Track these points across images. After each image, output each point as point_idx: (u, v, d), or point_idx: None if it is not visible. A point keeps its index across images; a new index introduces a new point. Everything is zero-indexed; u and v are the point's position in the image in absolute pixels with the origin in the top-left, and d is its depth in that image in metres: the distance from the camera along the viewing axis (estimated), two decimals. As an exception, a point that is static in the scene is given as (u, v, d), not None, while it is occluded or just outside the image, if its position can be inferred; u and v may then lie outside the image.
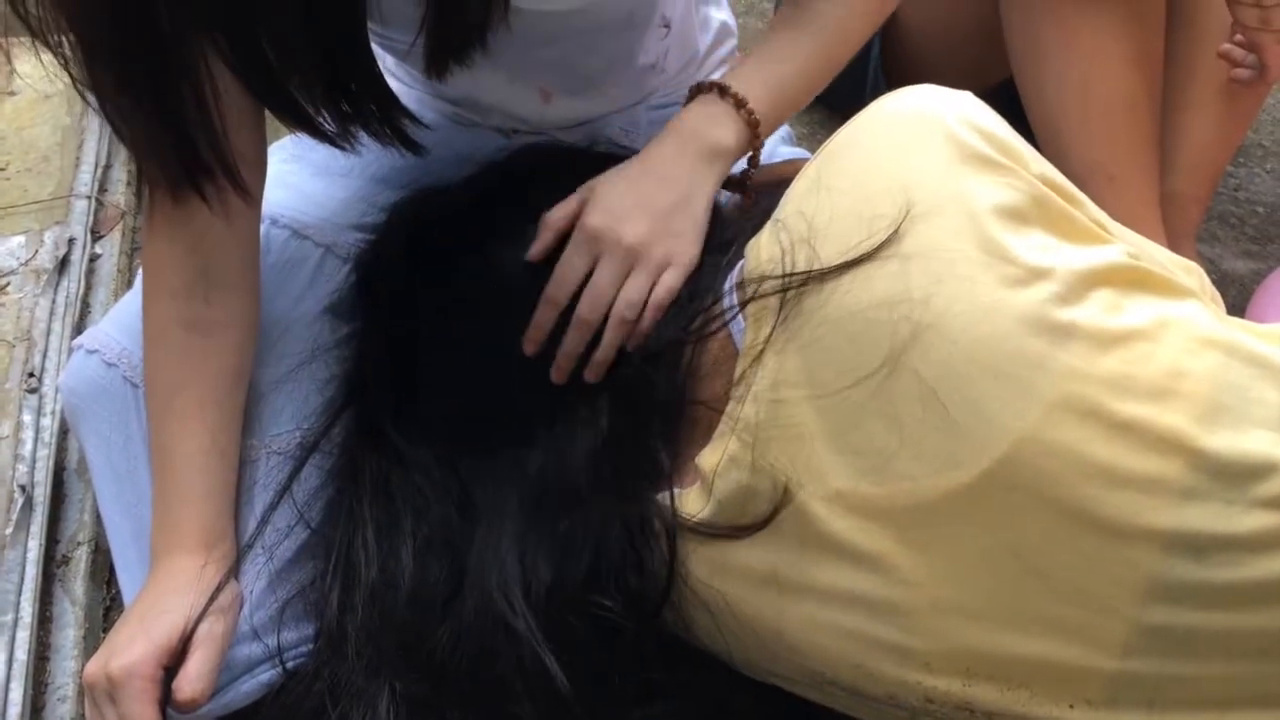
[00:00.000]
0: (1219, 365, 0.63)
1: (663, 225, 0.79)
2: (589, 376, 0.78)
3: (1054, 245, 0.66)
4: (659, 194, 0.81)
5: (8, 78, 1.42)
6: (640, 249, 0.78)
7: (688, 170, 0.83)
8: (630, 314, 0.77)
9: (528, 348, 0.79)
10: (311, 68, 0.78)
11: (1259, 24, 1.03)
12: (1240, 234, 1.45)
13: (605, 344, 0.78)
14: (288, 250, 0.96)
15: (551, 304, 0.79)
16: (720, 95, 0.86)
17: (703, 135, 0.84)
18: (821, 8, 0.91)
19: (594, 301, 0.78)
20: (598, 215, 0.79)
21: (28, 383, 1.04)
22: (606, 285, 0.78)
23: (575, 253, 0.79)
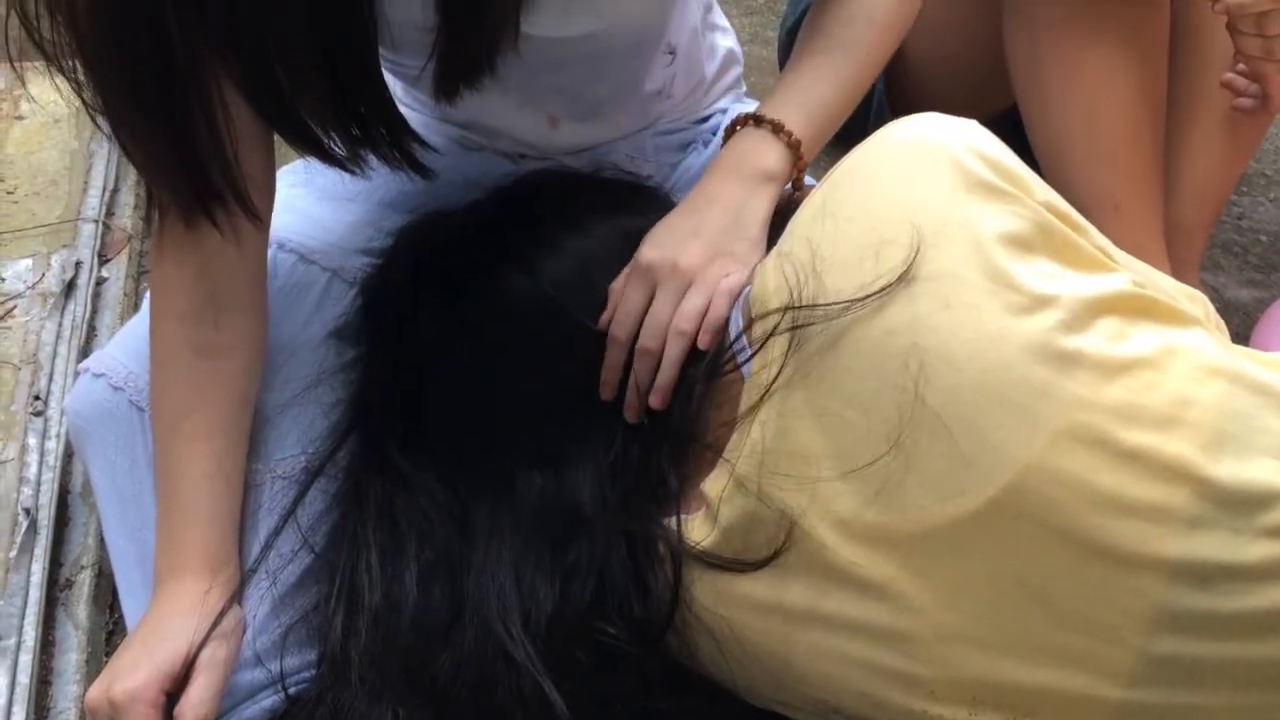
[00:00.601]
0: (1224, 394, 0.63)
1: (715, 247, 0.80)
2: (654, 403, 0.77)
3: (1059, 273, 0.66)
4: (710, 220, 0.81)
5: (16, 102, 1.43)
6: (695, 271, 0.78)
7: (737, 195, 0.83)
8: (689, 326, 0.76)
9: (605, 393, 0.79)
10: (322, 92, 0.79)
11: (1262, 53, 1.04)
12: (1244, 262, 1.45)
13: (667, 361, 0.77)
14: (295, 274, 0.96)
15: (616, 344, 0.78)
16: (757, 124, 0.87)
17: (748, 162, 0.85)
18: (842, 32, 0.92)
19: (653, 330, 0.77)
20: (651, 250, 0.80)
21: (33, 405, 1.04)
22: (665, 310, 0.78)
23: (632, 287, 0.79)
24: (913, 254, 0.67)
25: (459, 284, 0.84)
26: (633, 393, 0.78)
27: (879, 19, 0.93)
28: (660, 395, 0.77)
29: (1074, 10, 1.08)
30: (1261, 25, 1.01)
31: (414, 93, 1.04)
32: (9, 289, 1.15)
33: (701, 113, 1.14)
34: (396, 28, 0.83)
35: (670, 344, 0.77)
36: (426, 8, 0.79)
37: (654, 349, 0.77)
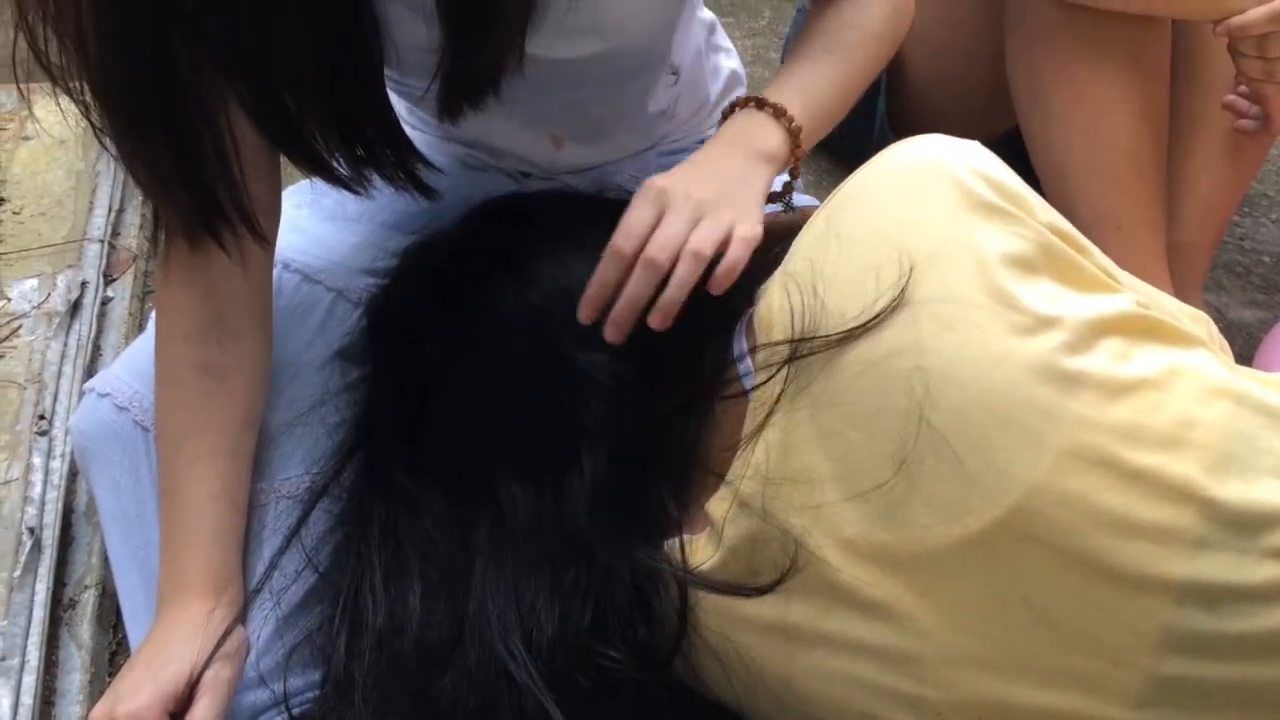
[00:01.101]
0: (1229, 414, 0.63)
1: (729, 191, 0.78)
2: (654, 322, 0.72)
3: (1062, 294, 0.66)
4: (718, 171, 0.80)
5: (23, 124, 1.44)
6: (709, 204, 0.75)
7: (739, 165, 0.82)
8: (705, 249, 0.73)
9: (585, 311, 0.74)
10: (329, 114, 0.80)
11: (1263, 76, 1.04)
12: (1247, 283, 1.45)
13: (678, 279, 0.72)
14: (299, 294, 0.96)
15: (618, 256, 0.74)
16: (759, 107, 0.86)
17: (750, 139, 0.84)
18: (842, 35, 0.92)
19: (665, 242, 0.73)
20: (662, 178, 0.77)
21: (38, 425, 1.04)
22: (679, 228, 0.74)
23: (643, 203, 0.75)
24: (911, 275, 0.67)
25: (461, 305, 0.85)
26: (625, 306, 0.73)
27: (874, 28, 0.93)
28: (662, 315, 0.72)
29: (1076, 32, 1.09)
30: (1263, 47, 1.02)
31: (418, 113, 1.04)
32: (14, 309, 1.16)
33: (705, 133, 1.15)
34: (402, 49, 0.83)
35: (683, 263, 0.72)
36: (431, 29, 0.79)
37: (663, 262, 0.72)
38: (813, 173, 1.63)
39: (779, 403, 0.69)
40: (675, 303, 0.72)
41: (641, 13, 0.91)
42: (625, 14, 0.88)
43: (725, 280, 0.73)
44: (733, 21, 2.06)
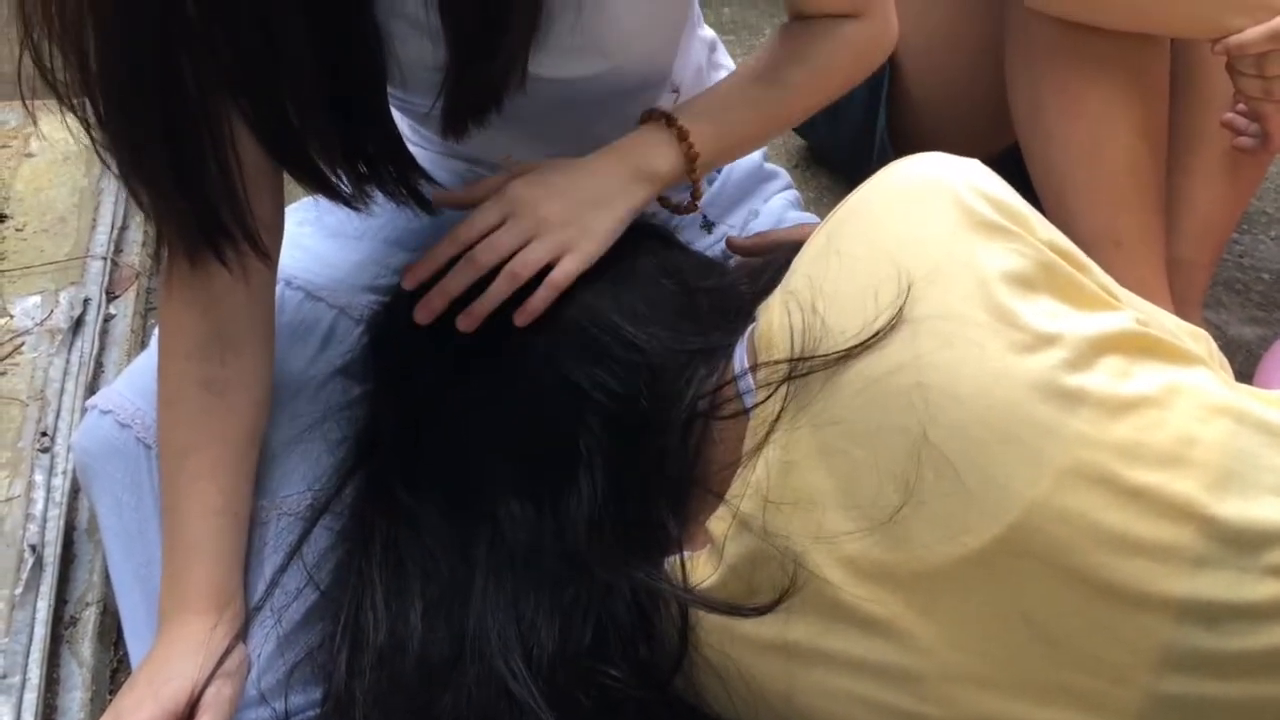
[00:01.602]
0: (1229, 432, 0.63)
1: (578, 211, 0.82)
2: (462, 324, 0.79)
3: (1062, 311, 0.66)
4: (585, 187, 0.84)
5: (26, 140, 1.44)
6: (550, 222, 0.81)
7: (617, 179, 0.86)
8: (524, 271, 0.79)
9: (407, 281, 0.81)
10: (332, 131, 0.80)
11: (1261, 94, 1.04)
12: (1246, 300, 1.46)
13: (490, 293, 0.79)
14: (301, 312, 0.96)
15: (452, 241, 0.81)
16: (667, 124, 0.89)
17: (639, 155, 0.88)
18: (790, 70, 0.94)
19: (489, 248, 0.80)
20: (522, 185, 0.83)
21: (40, 442, 1.04)
22: (507, 241, 0.80)
23: (491, 207, 0.82)
24: (910, 292, 0.67)
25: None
26: (438, 292, 0.80)
27: (826, 67, 0.95)
28: (470, 320, 0.79)
29: (1075, 50, 1.09)
30: (1261, 66, 1.02)
31: (421, 130, 1.05)
32: (17, 325, 1.16)
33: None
34: (406, 67, 0.84)
35: (499, 280, 0.79)
36: (436, 47, 0.80)
37: (483, 265, 0.79)
38: (813, 189, 1.64)
39: (779, 420, 0.70)
40: (481, 314, 0.79)
41: (644, 32, 0.91)
42: (628, 34, 0.88)
43: (529, 315, 0.79)
44: (733, 39, 2.07)
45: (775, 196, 1.17)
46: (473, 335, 0.83)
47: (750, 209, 1.15)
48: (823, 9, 0.95)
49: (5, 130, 1.44)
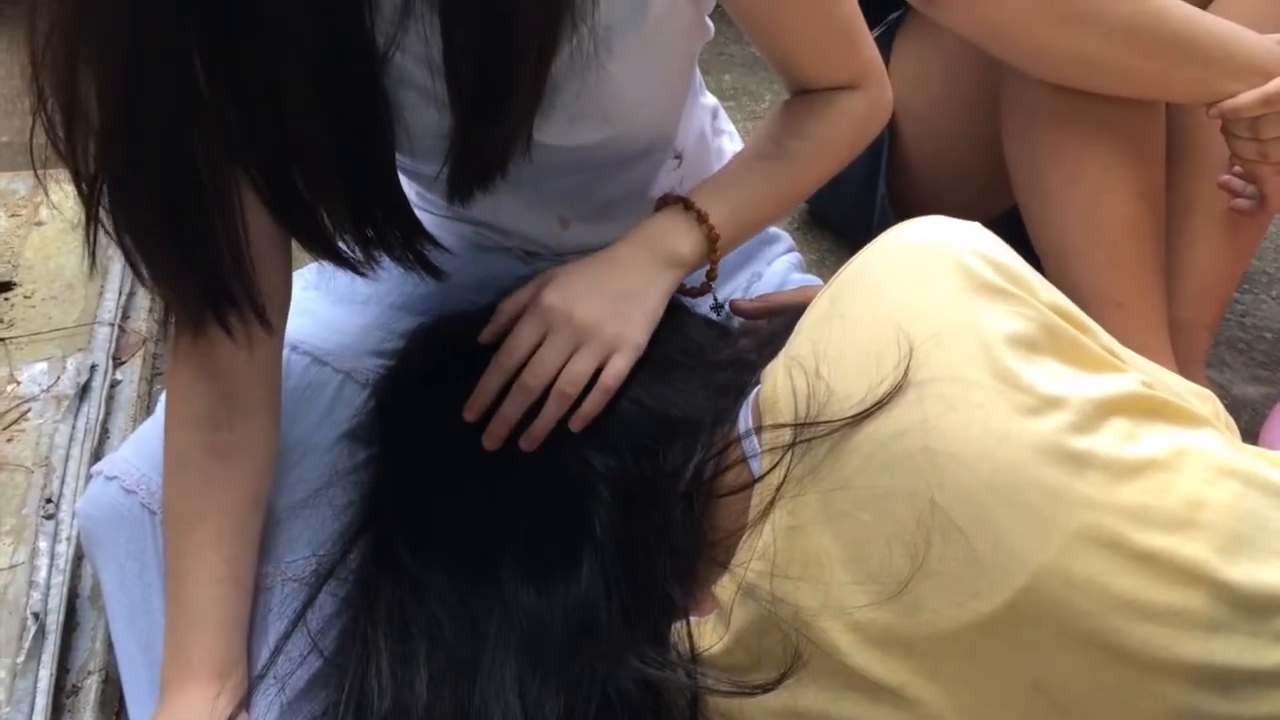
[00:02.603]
0: (1238, 495, 0.63)
1: (614, 308, 0.82)
2: (524, 444, 0.79)
3: (1067, 374, 0.67)
4: (613, 281, 0.84)
5: (36, 209, 1.46)
6: (590, 328, 0.81)
7: (643, 268, 0.86)
8: (572, 389, 0.79)
9: (468, 414, 0.81)
10: (340, 198, 0.81)
11: (1257, 156, 1.06)
12: (1249, 359, 1.46)
13: (544, 416, 0.79)
14: (307, 376, 0.97)
15: (499, 370, 0.81)
16: (685, 208, 0.90)
17: (662, 241, 0.88)
18: (794, 144, 0.96)
19: (537, 370, 0.80)
20: (552, 293, 0.83)
21: (45, 509, 1.04)
22: (553, 356, 0.80)
23: (527, 324, 0.82)
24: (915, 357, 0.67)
25: (469, 387, 0.85)
26: (500, 423, 0.80)
27: (830, 140, 0.97)
28: (530, 441, 0.79)
29: (1071, 114, 1.10)
30: (1255, 129, 1.03)
31: (427, 194, 1.06)
32: (24, 392, 1.16)
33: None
34: (414, 134, 0.85)
35: (550, 401, 0.79)
36: (443, 115, 0.81)
37: (533, 389, 0.79)
38: (815, 252, 1.65)
39: (785, 485, 0.69)
40: (540, 436, 0.79)
41: (647, 101, 0.93)
42: (632, 102, 0.90)
43: (583, 420, 0.79)
44: (734, 105, 2.10)
45: (778, 259, 1.18)
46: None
47: (754, 272, 1.16)
48: (820, 82, 0.97)
49: (15, 199, 1.46)
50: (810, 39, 0.94)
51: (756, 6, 0.91)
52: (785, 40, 0.95)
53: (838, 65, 0.97)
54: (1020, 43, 1.06)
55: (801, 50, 0.95)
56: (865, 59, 0.98)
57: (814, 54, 0.96)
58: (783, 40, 0.95)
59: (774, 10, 0.91)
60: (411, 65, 0.81)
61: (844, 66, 0.97)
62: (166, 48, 0.69)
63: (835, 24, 0.94)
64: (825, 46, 0.95)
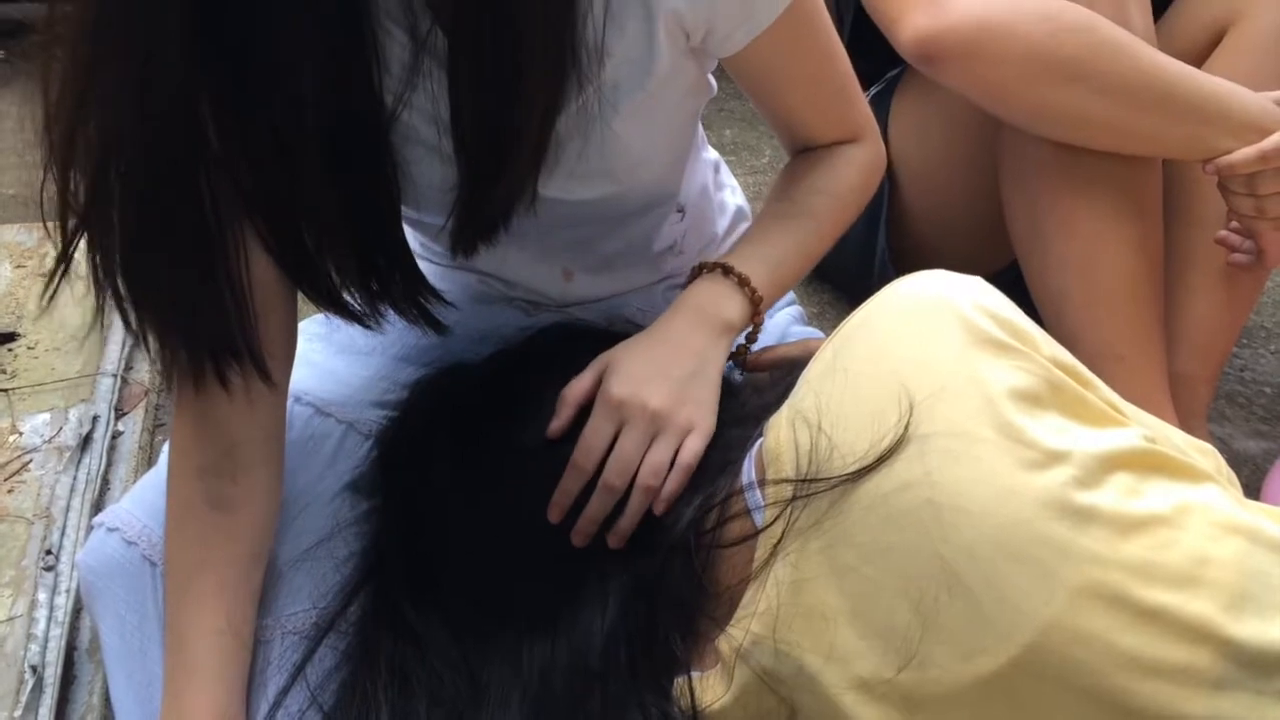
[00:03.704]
0: (1243, 552, 0.63)
1: (682, 393, 0.82)
2: (613, 543, 0.78)
3: (1070, 428, 0.67)
4: (676, 363, 0.83)
5: (42, 260, 1.47)
6: (664, 415, 0.80)
7: (701, 342, 0.86)
8: (655, 481, 0.78)
9: (553, 514, 0.79)
10: (346, 250, 0.81)
11: (1254, 212, 1.06)
12: (1250, 413, 1.46)
13: (631, 510, 0.78)
14: (310, 427, 0.97)
15: (578, 471, 0.79)
16: (724, 274, 0.90)
17: (712, 309, 0.88)
18: (810, 200, 0.97)
19: (620, 468, 0.79)
20: (620, 384, 0.81)
21: (45, 560, 1.03)
22: (632, 451, 0.79)
23: (601, 420, 0.81)
24: (918, 411, 0.67)
25: (472, 438, 0.85)
26: (587, 522, 0.79)
27: (842, 192, 0.99)
28: (618, 538, 0.78)
29: (1068, 169, 1.11)
30: (1251, 185, 1.04)
31: (431, 245, 1.07)
32: (26, 443, 1.16)
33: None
34: (420, 188, 0.86)
35: (635, 496, 0.78)
36: (448, 170, 0.82)
37: (618, 487, 0.79)
38: (816, 305, 1.66)
39: (788, 538, 0.69)
40: (628, 530, 0.78)
41: (650, 158, 0.94)
42: (635, 159, 0.91)
43: (664, 507, 0.78)
44: (734, 160, 2.12)
45: (780, 312, 1.19)
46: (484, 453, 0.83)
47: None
48: (821, 139, 0.99)
49: (22, 250, 1.47)
50: (810, 97, 0.96)
51: (757, 68, 0.92)
52: (786, 99, 0.97)
53: (836, 121, 0.99)
54: (1017, 101, 1.08)
55: (802, 108, 0.97)
56: (861, 114, 1.00)
57: (814, 111, 0.98)
58: (783, 99, 0.97)
59: (774, 71, 0.93)
60: (419, 122, 0.82)
61: (842, 123, 0.99)
62: (177, 103, 0.69)
63: (833, 82, 0.96)
64: (824, 104, 0.97)
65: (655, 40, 0.83)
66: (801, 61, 0.93)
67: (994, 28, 1.04)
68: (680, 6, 0.82)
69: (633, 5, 0.80)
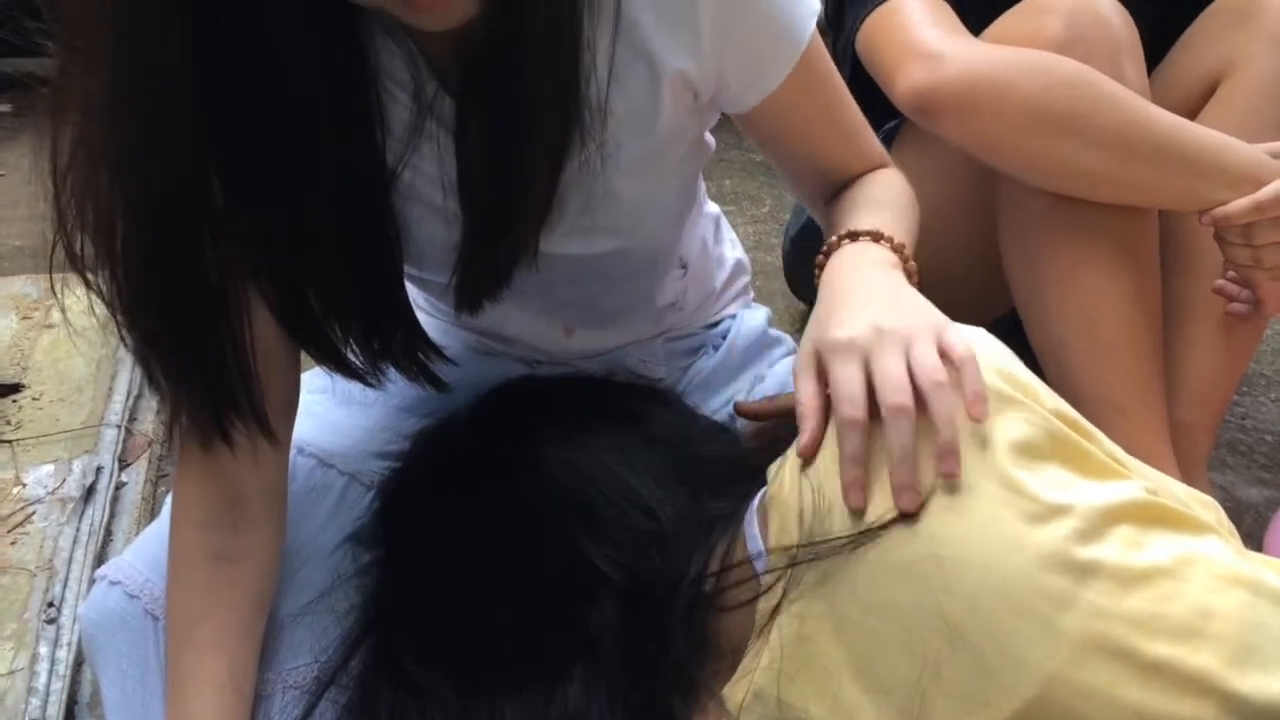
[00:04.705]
0: (1245, 604, 0.63)
1: (900, 307, 0.74)
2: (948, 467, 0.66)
3: (1072, 481, 0.67)
4: (873, 295, 0.76)
5: (47, 312, 1.48)
6: (902, 328, 0.71)
7: (879, 276, 0.80)
8: (941, 375, 0.68)
9: (854, 496, 0.68)
10: (349, 309, 0.82)
11: (1250, 262, 1.07)
12: (1251, 461, 1.46)
13: (945, 418, 0.67)
14: (313, 478, 0.97)
15: (854, 425, 0.68)
16: (851, 239, 0.86)
17: (868, 257, 0.83)
18: (878, 193, 0.95)
19: (895, 384, 0.68)
20: (837, 331, 0.73)
21: (46, 613, 1.03)
22: (898, 368, 0.69)
23: (843, 366, 0.70)
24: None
25: (473, 490, 0.85)
26: (904, 465, 0.66)
27: (903, 198, 0.97)
28: (953, 457, 0.66)
29: (1065, 221, 1.12)
30: (1248, 235, 1.05)
31: (432, 300, 1.07)
32: (30, 494, 1.16)
33: (711, 318, 1.18)
34: (423, 247, 0.86)
35: (935, 398, 0.67)
36: (452, 230, 0.83)
37: (910, 405, 0.67)
38: (817, 354, 1.66)
39: (791, 595, 0.69)
40: (955, 443, 0.66)
41: (653, 214, 0.95)
42: (638, 216, 0.91)
43: (980, 405, 0.67)
44: (734, 210, 2.13)
45: (780, 361, 1.19)
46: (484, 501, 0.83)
47: (756, 374, 1.17)
48: (854, 170, 0.99)
49: (28, 302, 1.47)
50: (833, 135, 0.96)
51: (773, 121, 0.92)
52: (809, 144, 0.96)
53: (861, 153, 0.98)
54: (1013, 154, 1.09)
55: (828, 148, 0.97)
56: (880, 147, 1.00)
57: (841, 148, 0.97)
58: (806, 145, 0.96)
59: (791, 122, 0.93)
60: (421, 182, 0.83)
61: (867, 153, 0.99)
62: (187, 167, 0.70)
63: (850, 119, 0.97)
64: (848, 138, 0.97)
65: (659, 99, 0.84)
66: (818, 108, 0.93)
67: (989, 82, 1.06)
68: (688, 66, 0.82)
69: (637, 65, 0.81)
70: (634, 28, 0.79)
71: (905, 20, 1.14)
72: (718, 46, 0.82)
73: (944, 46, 1.09)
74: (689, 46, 0.81)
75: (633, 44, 0.80)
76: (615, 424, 0.86)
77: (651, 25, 0.80)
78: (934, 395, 0.67)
